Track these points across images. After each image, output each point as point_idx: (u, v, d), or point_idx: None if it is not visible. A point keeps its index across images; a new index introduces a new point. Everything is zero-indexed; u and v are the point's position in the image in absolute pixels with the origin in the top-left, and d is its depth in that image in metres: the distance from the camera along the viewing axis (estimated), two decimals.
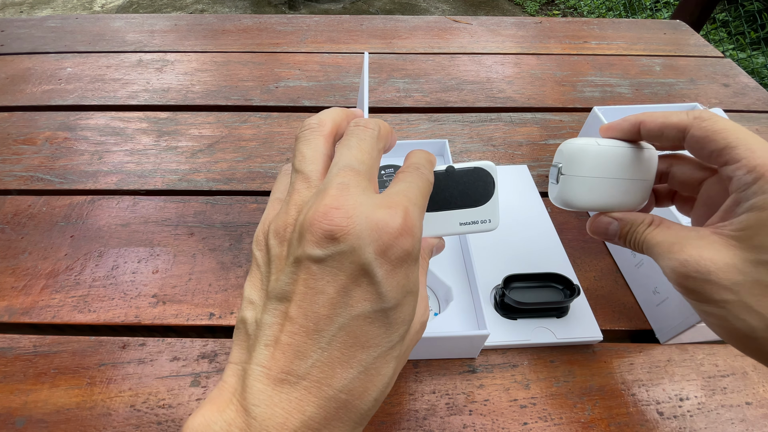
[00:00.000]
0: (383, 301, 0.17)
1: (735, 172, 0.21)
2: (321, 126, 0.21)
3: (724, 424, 0.30)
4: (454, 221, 0.25)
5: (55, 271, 0.38)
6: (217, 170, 0.48)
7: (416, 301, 0.19)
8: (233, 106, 0.58)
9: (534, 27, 0.78)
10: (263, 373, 0.16)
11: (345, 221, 0.16)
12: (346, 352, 0.17)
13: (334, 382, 0.16)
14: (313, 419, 0.16)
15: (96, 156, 0.50)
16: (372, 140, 0.20)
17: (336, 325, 0.16)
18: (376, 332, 0.17)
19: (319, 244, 0.16)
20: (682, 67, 0.67)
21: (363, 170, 0.18)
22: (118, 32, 0.74)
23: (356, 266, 0.16)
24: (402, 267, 0.17)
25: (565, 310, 0.35)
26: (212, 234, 0.42)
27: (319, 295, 0.16)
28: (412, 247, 0.17)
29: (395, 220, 0.17)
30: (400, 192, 0.19)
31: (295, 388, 0.16)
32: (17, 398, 0.31)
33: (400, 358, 0.19)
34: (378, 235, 0.16)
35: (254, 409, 0.16)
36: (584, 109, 0.58)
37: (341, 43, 0.72)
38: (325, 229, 0.16)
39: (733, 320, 0.20)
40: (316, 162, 0.20)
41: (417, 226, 0.18)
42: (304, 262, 0.17)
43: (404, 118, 0.56)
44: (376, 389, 0.17)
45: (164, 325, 0.35)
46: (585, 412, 0.30)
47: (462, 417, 0.30)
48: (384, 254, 0.16)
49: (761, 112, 0.58)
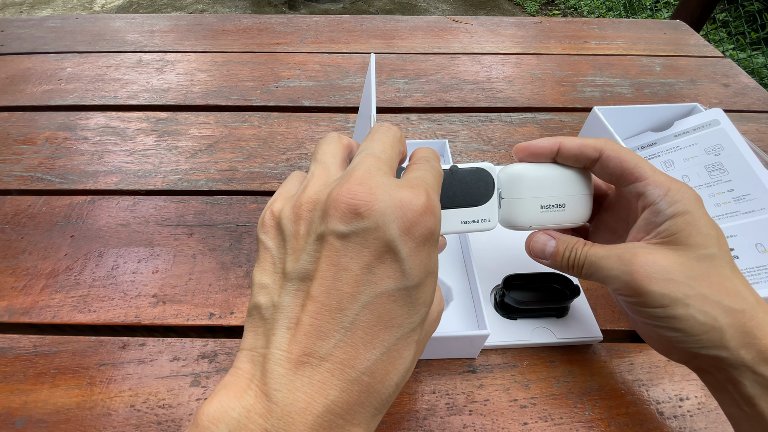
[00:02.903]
0: (407, 279, 0.17)
1: (647, 187, 0.24)
2: (340, 137, 0.22)
3: (724, 424, 0.30)
4: (456, 219, 0.25)
5: (55, 271, 0.38)
6: (217, 170, 0.48)
7: (436, 282, 0.19)
8: (233, 106, 0.58)
9: (534, 27, 0.78)
10: (284, 357, 0.16)
11: (369, 197, 0.16)
12: (370, 332, 0.16)
13: (357, 364, 0.16)
14: (337, 404, 0.16)
15: (96, 156, 0.50)
16: (394, 137, 0.21)
17: (360, 304, 0.16)
18: (399, 311, 0.17)
19: (344, 219, 0.16)
20: (682, 67, 0.67)
21: (384, 158, 0.19)
22: (118, 32, 0.74)
23: (381, 243, 0.16)
24: (425, 246, 0.17)
25: (565, 310, 0.35)
26: (212, 234, 0.42)
27: (342, 272, 0.16)
28: (435, 226, 0.17)
29: (419, 198, 0.17)
30: (418, 177, 0.19)
31: (318, 370, 0.16)
32: (17, 398, 0.31)
33: (420, 343, 0.18)
34: (402, 212, 0.16)
35: (275, 394, 0.15)
36: (584, 109, 0.58)
37: (341, 43, 0.72)
38: (350, 204, 0.16)
39: (696, 314, 0.21)
40: (336, 157, 0.21)
41: (438, 207, 0.18)
42: (327, 239, 0.16)
43: (404, 118, 0.56)
44: (397, 373, 0.17)
45: (164, 325, 0.35)
46: (585, 412, 0.30)
47: (462, 417, 0.30)
48: (408, 232, 0.16)
49: (761, 112, 0.58)
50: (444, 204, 0.25)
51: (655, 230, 0.23)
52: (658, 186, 0.23)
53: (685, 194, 0.23)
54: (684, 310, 0.21)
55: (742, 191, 0.38)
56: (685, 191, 0.23)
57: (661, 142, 0.45)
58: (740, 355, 0.20)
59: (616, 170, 0.25)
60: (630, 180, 0.24)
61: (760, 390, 0.20)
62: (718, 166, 0.40)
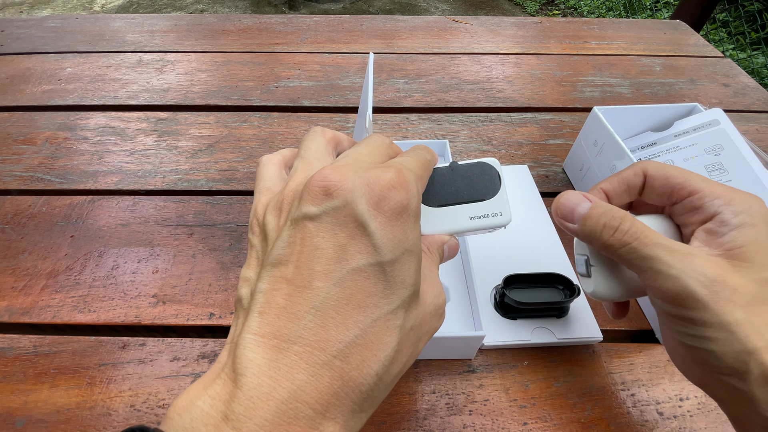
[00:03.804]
0: (378, 253, 0.16)
1: (703, 200, 0.21)
2: (324, 131, 0.22)
3: (724, 424, 0.30)
4: (464, 216, 0.24)
5: (55, 271, 0.38)
6: (217, 170, 0.48)
7: (417, 264, 0.18)
8: (233, 106, 0.58)
9: (534, 27, 0.78)
10: (254, 341, 0.15)
11: (339, 177, 0.17)
12: (342, 311, 0.16)
13: (329, 346, 0.15)
14: (304, 389, 0.15)
15: (96, 156, 0.50)
16: (382, 143, 0.21)
17: (331, 282, 0.16)
18: (372, 290, 0.16)
19: (315, 201, 0.16)
20: (682, 67, 0.67)
21: (366, 154, 0.19)
22: (118, 32, 0.74)
23: (351, 219, 0.16)
24: (397, 221, 0.16)
25: (565, 310, 0.35)
26: (212, 234, 0.42)
27: (314, 251, 0.16)
28: (407, 200, 0.17)
29: (387, 174, 0.17)
30: (396, 161, 0.19)
31: (286, 354, 0.15)
32: (17, 398, 0.31)
33: (407, 332, 0.17)
34: (370, 188, 0.16)
35: (241, 378, 0.15)
36: (584, 109, 0.58)
37: (341, 43, 0.72)
38: (319, 186, 0.17)
39: (736, 343, 0.19)
40: (319, 152, 0.21)
41: (411, 183, 0.17)
42: (300, 222, 0.17)
43: (404, 118, 0.56)
44: (377, 360, 0.16)
45: (164, 325, 0.35)
46: (585, 412, 0.30)
47: (462, 417, 0.30)
48: (377, 206, 0.16)
49: (761, 112, 0.58)
50: (447, 201, 0.24)
51: (717, 241, 0.20)
52: (717, 197, 0.21)
53: (753, 204, 0.20)
54: (728, 336, 0.19)
55: None
56: (753, 201, 0.20)
57: (661, 142, 0.45)
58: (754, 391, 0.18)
59: (666, 189, 0.22)
60: (682, 195, 0.22)
61: None
62: (718, 166, 0.40)
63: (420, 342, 0.19)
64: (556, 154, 0.51)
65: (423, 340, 0.19)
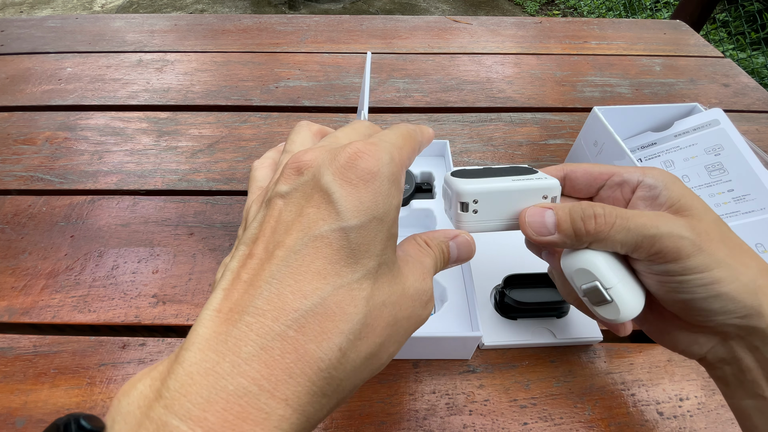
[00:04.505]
0: (341, 218, 0.15)
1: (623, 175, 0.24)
2: (310, 125, 0.23)
3: (724, 424, 0.30)
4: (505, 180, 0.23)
5: (55, 271, 0.38)
6: (217, 170, 0.48)
7: (387, 233, 0.16)
8: (233, 106, 0.58)
9: (534, 27, 0.78)
10: (210, 317, 0.14)
11: (309, 158, 0.17)
12: (300, 278, 0.14)
13: (283, 315, 0.14)
14: (250, 363, 0.13)
15: (96, 156, 0.50)
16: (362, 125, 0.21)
17: (292, 250, 0.15)
18: (335, 257, 0.15)
19: (287, 180, 0.17)
20: (682, 67, 0.67)
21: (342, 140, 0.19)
22: (118, 32, 0.74)
23: (317, 190, 0.16)
24: (365, 187, 0.16)
25: (565, 310, 0.35)
26: (212, 234, 0.42)
27: (280, 224, 0.16)
28: (376, 167, 0.16)
29: (355, 145, 0.16)
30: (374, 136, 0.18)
31: (237, 326, 0.14)
32: (17, 398, 0.31)
33: (377, 307, 0.16)
34: (335, 160, 0.16)
35: (185, 354, 0.13)
36: (584, 109, 0.58)
37: (341, 43, 0.72)
38: (292, 167, 0.17)
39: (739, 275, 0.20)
40: (304, 145, 0.21)
41: (382, 150, 0.17)
42: (272, 201, 0.17)
43: (404, 118, 0.56)
44: (339, 333, 0.14)
45: (164, 325, 0.35)
46: (585, 412, 0.30)
47: (462, 417, 0.30)
48: (342, 174, 0.16)
49: (761, 112, 0.58)
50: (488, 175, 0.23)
51: (657, 203, 0.22)
52: (633, 171, 0.23)
53: (660, 170, 0.23)
54: (728, 272, 0.20)
55: (742, 191, 0.38)
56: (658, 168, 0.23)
57: (661, 142, 0.45)
58: None
59: (587, 177, 0.25)
60: (603, 179, 0.24)
61: None
62: (718, 166, 0.40)
63: (399, 326, 0.17)
64: (556, 154, 0.51)
65: (404, 325, 0.17)
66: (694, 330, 0.22)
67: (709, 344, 0.22)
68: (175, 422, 0.12)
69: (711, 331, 0.22)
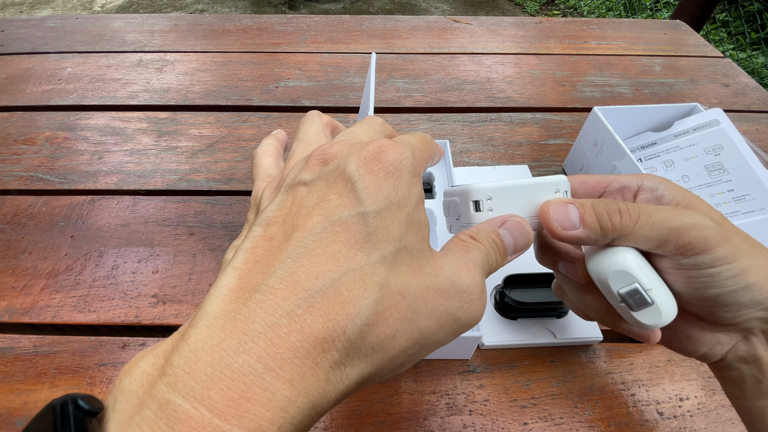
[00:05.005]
0: (361, 204, 0.15)
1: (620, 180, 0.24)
2: (321, 115, 0.23)
3: (724, 424, 0.30)
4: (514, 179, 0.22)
5: (55, 271, 0.38)
6: (217, 170, 0.48)
7: (406, 218, 0.16)
8: (233, 106, 0.58)
9: (534, 27, 0.78)
10: (221, 295, 0.14)
11: (335, 150, 0.17)
12: (315, 260, 0.14)
13: (293, 295, 0.13)
14: (256, 341, 0.12)
15: (96, 156, 0.50)
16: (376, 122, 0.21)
17: (311, 234, 0.15)
18: (350, 240, 0.15)
19: (311, 169, 0.17)
20: (682, 67, 0.67)
21: (362, 135, 0.20)
22: (118, 32, 0.74)
23: (341, 179, 0.16)
24: (387, 178, 0.16)
25: (565, 310, 0.35)
26: (212, 234, 0.42)
27: (302, 209, 0.16)
28: (399, 160, 0.17)
29: (380, 141, 0.17)
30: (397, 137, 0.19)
31: (247, 304, 0.13)
32: (17, 398, 0.31)
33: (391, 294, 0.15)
34: (361, 153, 0.17)
35: (192, 331, 0.13)
36: (584, 109, 0.58)
37: (341, 43, 0.72)
38: (318, 158, 0.17)
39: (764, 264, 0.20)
40: (318, 135, 0.22)
41: (405, 147, 0.17)
42: (294, 187, 0.17)
43: (404, 118, 0.56)
44: (345, 316, 0.14)
45: (164, 325, 0.35)
46: (585, 412, 0.30)
47: (462, 417, 0.30)
48: (366, 165, 0.16)
49: (761, 112, 0.58)
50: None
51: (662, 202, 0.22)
52: (630, 176, 0.24)
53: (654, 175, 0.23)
54: (753, 261, 0.19)
55: (742, 191, 0.38)
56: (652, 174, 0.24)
57: (661, 142, 0.45)
58: None
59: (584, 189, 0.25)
60: (600, 187, 0.24)
61: None
62: (718, 166, 0.40)
63: (420, 323, 0.15)
64: (556, 154, 0.51)
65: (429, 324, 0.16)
66: (717, 329, 0.22)
67: (731, 342, 0.22)
68: (178, 400, 0.12)
69: (735, 329, 0.21)
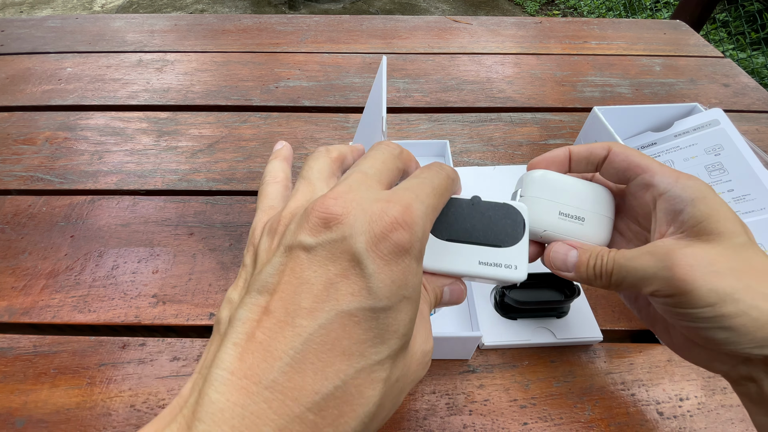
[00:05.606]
0: (373, 297, 0.15)
1: (654, 177, 0.23)
2: (328, 151, 0.22)
3: (724, 424, 0.30)
4: (473, 258, 0.21)
5: (55, 271, 0.38)
6: (217, 170, 0.48)
7: (414, 312, 0.16)
8: (233, 106, 0.58)
9: (534, 27, 0.78)
10: (224, 380, 0.14)
11: (342, 209, 0.16)
12: (323, 357, 0.14)
13: (303, 397, 0.14)
14: None
15: (96, 156, 0.50)
16: (390, 155, 0.20)
17: (317, 322, 0.14)
18: (361, 337, 0.15)
19: (313, 231, 0.15)
20: (682, 67, 0.67)
21: (372, 173, 0.18)
22: (118, 32, 0.74)
23: (347, 256, 0.15)
24: (397, 263, 0.15)
25: (565, 310, 0.35)
26: (212, 234, 0.42)
27: (304, 285, 0.15)
28: (409, 242, 0.15)
29: (393, 210, 0.16)
30: (408, 188, 0.17)
31: (255, 400, 0.13)
32: (17, 398, 0.31)
33: (391, 385, 0.16)
34: (371, 225, 0.15)
35: (198, 425, 0.13)
36: (584, 109, 0.58)
37: (341, 43, 0.72)
38: (319, 216, 0.16)
39: (748, 310, 0.19)
40: (322, 173, 0.21)
41: (418, 222, 0.16)
42: (294, 251, 0.16)
43: (404, 118, 0.56)
44: (355, 416, 0.14)
45: (164, 325, 0.35)
46: (585, 412, 0.30)
47: (462, 417, 0.30)
48: (376, 246, 0.15)
49: (761, 112, 0.58)
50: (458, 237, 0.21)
51: (679, 220, 0.21)
52: (666, 175, 0.22)
53: (696, 180, 0.21)
54: (735, 306, 0.19)
55: (742, 191, 0.38)
56: (695, 178, 0.22)
57: (661, 142, 0.45)
58: None
59: (623, 164, 0.24)
60: (637, 172, 0.23)
61: None
62: (718, 166, 0.40)
63: (402, 393, 0.17)
64: None
65: (406, 390, 0.17)
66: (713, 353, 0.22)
67: (730, 363, 0.21)
68: None
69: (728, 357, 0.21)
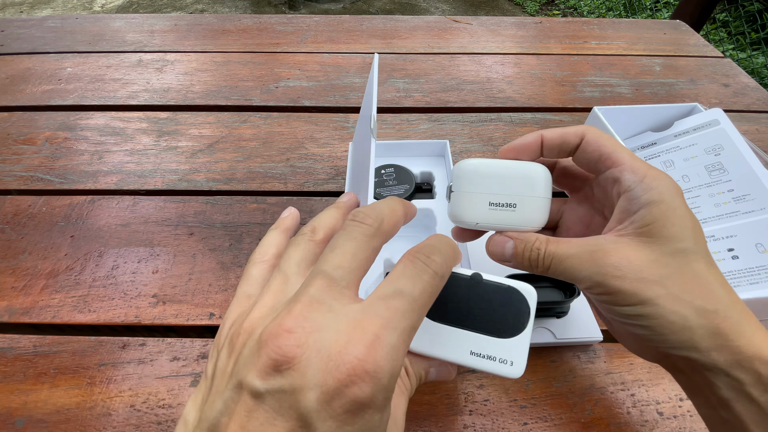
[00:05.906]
0: None
1: (622, 173, 0.22)
2: (314, 234, 0.21)
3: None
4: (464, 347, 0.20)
5: (55, 271, 0.38)
6: (217, 170, 0.48)
7: None
8: (233, 106, 0.58)
9: (534, 27, 0.78)
10: None
11: (294, 350, 0.14)
12: None
13: None
14: None
15: (96, 156, 0.50)
16: (363, 238, 0.18)
17: None
18: None
19: (262, 374, 0.14)
20: (682, 67, 0.67)
21: (339, 276, 0.17)
22: (118, 32, 0.74)
23: (295, 414, 0.13)
24: (354, 424, 0.14)
25: (565, 310, 0.34)
26: (212, 234, 0.42)
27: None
28: (370, 397, 0.14)
29: (353, 352, 0.14)
30: (382, 304, 0.16)
31: None
32: (17, 398, 0.31)
33: None
34: (325, 376, 0.14)
35: None
36: (584, 109, 0.58)
37: (341, 43, 0.72)
38: (271, 357, 0.14)
39: (666, 314, 0.20)
40: (300, 266, 0.20)
41: (383, 367, 0.14)
42: (243, 392, 0.15)
43: (404, 118, 0.56)
44: None
45: (164, 325, 0.35)
46: (585, 412, 0.30)
47: (462, 417, 0.30)
48: (329, 404, 0.13)
49: (761, 112, 0.58)
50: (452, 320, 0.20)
51: (629, 219, 0.22)
52: (634, 172, 0.22)
53: (662, 182, 0.21)
54: (653, 309, 0.20)
55: (742, 191, 0.38)
56: (663, 179, 0.21)
57: (661, 142, 0.45)
58: (712, 358, 0.19)
59: (594, 155, 0.23)
60: (607, 165, 0.23)
61: (735, 393, 0.19)
62: (718, 166, 0.40)
63: None
64: None
65: None
66: None
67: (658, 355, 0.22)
68: None
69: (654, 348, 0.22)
